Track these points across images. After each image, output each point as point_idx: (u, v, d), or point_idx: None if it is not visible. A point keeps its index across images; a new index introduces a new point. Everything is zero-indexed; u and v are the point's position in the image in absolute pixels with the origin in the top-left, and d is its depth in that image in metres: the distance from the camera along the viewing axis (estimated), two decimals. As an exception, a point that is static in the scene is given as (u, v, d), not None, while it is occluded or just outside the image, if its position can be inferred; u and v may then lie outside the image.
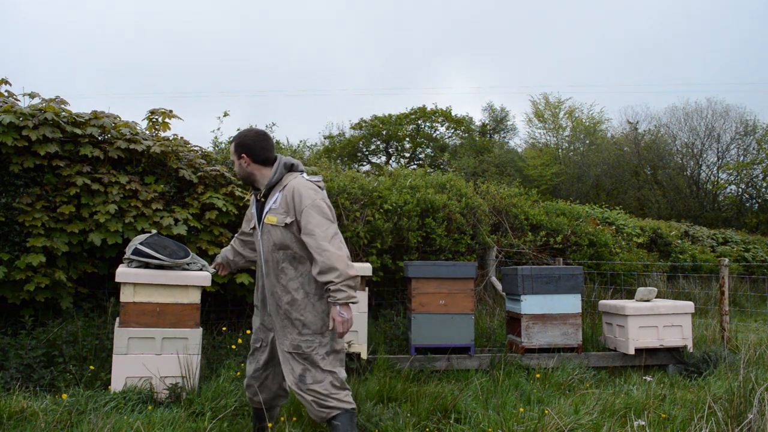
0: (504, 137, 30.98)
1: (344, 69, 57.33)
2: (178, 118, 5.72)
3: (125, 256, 4.04)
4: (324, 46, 62.30)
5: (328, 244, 2.81)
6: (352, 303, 2.83)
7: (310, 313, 2.93)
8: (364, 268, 4.95)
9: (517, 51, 57.88)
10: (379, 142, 29.24)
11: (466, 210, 7.49)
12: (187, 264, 4.09)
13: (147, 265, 3.99)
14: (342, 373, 2.96)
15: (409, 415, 3.67)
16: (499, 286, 7.28)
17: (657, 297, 6.25)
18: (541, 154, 24.60)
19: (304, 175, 3.05)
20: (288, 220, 2.90)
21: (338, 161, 24.45)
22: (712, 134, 22.42)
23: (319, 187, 3.00)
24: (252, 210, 3.13)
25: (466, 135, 29.35)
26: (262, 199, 3.03)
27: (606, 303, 5.69)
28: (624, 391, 4.43)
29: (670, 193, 21.57)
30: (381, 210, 6.64)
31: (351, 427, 2.88)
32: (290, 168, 3.05)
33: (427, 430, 3.52)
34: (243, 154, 3.03)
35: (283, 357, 2.97)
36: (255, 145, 3.03)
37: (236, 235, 3.41)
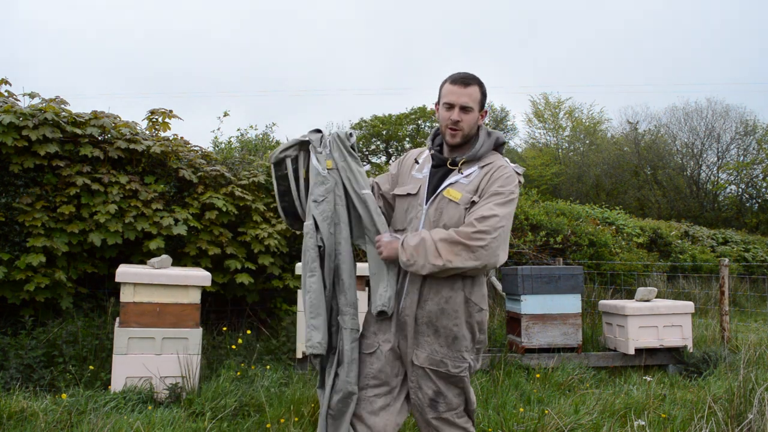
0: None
1: (344, 69, 57.35)
2: (178, 118, 5.71)
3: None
4: (324, 45, 62.37)
5: (488, 224, 2.17)
6: (399, 259, 2.35)
7: (464, 323, 2.31)
8: (365, 269, 4.94)
9: (517, 51, 57.91)
10: (379, 142, 29.22)
11: (466, 210, 7.48)
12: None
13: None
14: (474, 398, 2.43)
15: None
16: (499, 286, 7.27)
17: (657, 297, 6.25)
18: (541, 154, 24.62)
19: (507, 161, 2.39)
20: (475, 199, 2.27)
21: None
22: (712, 134, 22.43)
23: (520, 183, 2.38)
24: (416, 173, 2.45)
25: (466, 135, 29.32)
26: (453, 168, 2.36)
27: (606, 303, 5.69)
28: (624, 391, 4.42)
29: (670, 193, 21.58)
30: (381, 210, 6.63)
31: None
32: (498, 147, 2.43)
33: (427, 430, 3.52)
34: (486, 109, 2.41)
35: (412, 372, 2.33)
36: None
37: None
